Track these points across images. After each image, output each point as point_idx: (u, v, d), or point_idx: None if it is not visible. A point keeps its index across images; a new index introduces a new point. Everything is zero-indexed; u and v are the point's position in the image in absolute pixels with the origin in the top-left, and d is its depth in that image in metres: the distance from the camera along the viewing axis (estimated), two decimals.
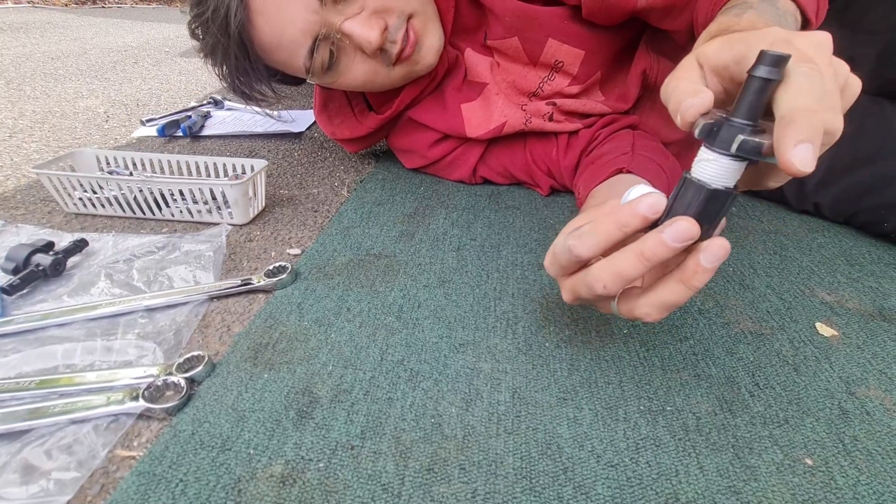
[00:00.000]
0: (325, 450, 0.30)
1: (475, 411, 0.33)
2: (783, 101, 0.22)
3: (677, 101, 0.25)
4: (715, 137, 0.23)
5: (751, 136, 0.22)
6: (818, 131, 0.21)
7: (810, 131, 0.20)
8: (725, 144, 0.23)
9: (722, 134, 0.23)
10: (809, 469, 0.30)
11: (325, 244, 0.53)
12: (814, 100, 0.21)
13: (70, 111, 0.98)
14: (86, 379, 0.35)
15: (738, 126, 0.22)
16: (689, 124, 0.24)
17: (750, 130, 0.22)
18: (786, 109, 0.21)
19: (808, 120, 0.20)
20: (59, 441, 0.31)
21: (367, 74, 0.54)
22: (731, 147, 0.23)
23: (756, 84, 0.21)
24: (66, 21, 2.44)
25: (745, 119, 0.22)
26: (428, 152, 0.67)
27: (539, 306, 0.44)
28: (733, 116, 0.23)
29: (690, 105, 0.24)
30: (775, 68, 0.21)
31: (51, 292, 0.44)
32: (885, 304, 0.46)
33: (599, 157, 0.55)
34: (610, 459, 0.30)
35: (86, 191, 0.56)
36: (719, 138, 0.23)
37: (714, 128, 0.23)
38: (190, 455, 0.30)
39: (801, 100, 0.21)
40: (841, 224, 0.60)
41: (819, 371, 0.38)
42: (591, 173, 0.53)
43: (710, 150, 0.24)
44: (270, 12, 0.48)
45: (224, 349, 0.38)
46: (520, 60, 0.59)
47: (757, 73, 0.21)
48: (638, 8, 0.50)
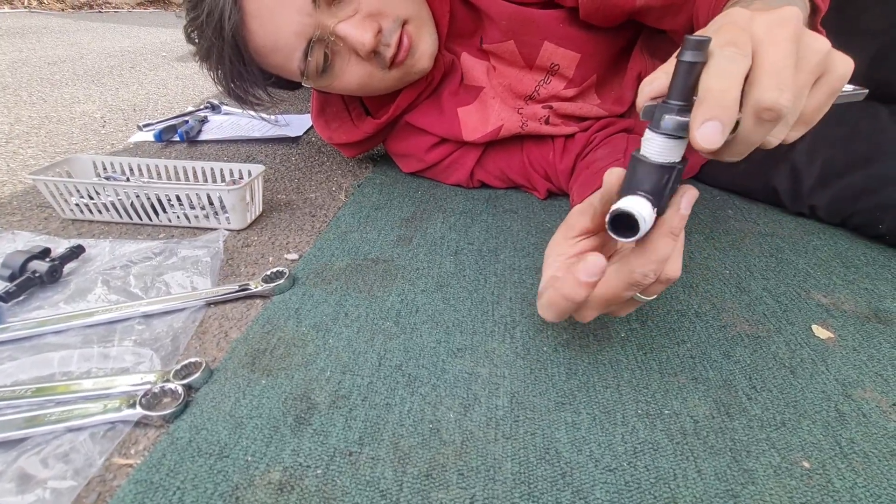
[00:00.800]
0: (324, 456, 0.30)
1: (473, 416, 0.33)
2: (701, 82, 0.23)
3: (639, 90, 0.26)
4: (654, 119, 0.25)
5: (678, 114, 0.24)
6: (727, 110, 0.22)
7: (718, 110, 0.22)
8: (657, 124, 0.25)
9: (656, 114, 0.25)
10: (807, 472, 0.30)
11: (323, 249, 0.53)
12: (724, 79, 0.22)
13: (67, 116, 0.98)
14: (82, 386, 0.34)
15: (669, 106, 0.24)
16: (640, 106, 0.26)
17: (677, 110, 0.24)
18: (701, 90, 0.23)
19: (716, 99, 0.22)
20: (56, 449, 0.30)
21: (362, 77, 0.54)
22: (660, 126, 0.25)
23: (682, 67, 0.23)
24: (63, 26, 2.44)
25: (676, 99, 0.24)
26: (425, 156, 0.67)
27: (537, 310, 0.44)
28: (668, 98, 0.24)
29: (643, 92, 0.26)
30: (697, 51, 0.22)
31: (47, 299, 0.44)
32: (880, 305, 0.46)
33: (593, 162, 0.56)
34: (608, 464, 0.30)
35: (82, 196, 0.56)
36: (654, 118, 0.25)
37: (653, 109, 0.25)
38: (187, 462, 0.30)
39: (713, 81, 0.22)
40: (836, 226, 0.60)
41: (815, 373, 0.38)
42: (584, 180, 0.53)
43: (648, 130, 0.26)
44: (264, 15, 0.48)
45: (221, 355, 0.38)
46: (516, 64, 0.59)
47: (682, 56, 0.23)
48: (636, 7, 0.49)
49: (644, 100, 0.26)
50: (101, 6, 3.63)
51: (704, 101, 0.22)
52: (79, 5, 3.51)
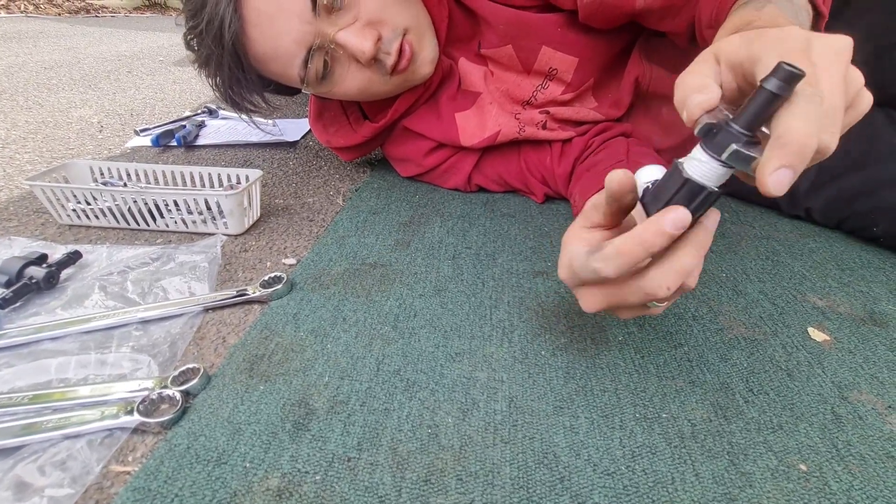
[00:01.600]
0: (322, 462, 0.30)
1: (472, 421, 0.33)
2: (782, 120, 0.22)
3: (683, 95, 0.25)
4: (712, 140, 0.23)
5: (744, 147, 0.22)
6: (804, 159, 0.21)
7: (795, 158, 0.21)
8: (719, 150, 0.23)
9: (719, 138, 0.23)
10: (804, 475, 0.30)
11: (321, 254, 0.53)
12: (809, 127, 0.21)
13: (63, 121, 0.98)
14: (79, 393, 0.34)
15: (734, 134, 0.23)
16: (692, 121, 0.24)
17: (745, 141, 0.22)
18: (782, 130, 0.21)
19: (797, 146, 0.21)
20: (53, 457, 0.30)
21: (361, 84, 0.54)
22: (723, 154, 0.23)
23: (764, 96, 0.21)
24: (59, 30, 2.44)
25: (743, 128, 0.22)
26: (423, 161, 0.67)
27: (535, 314, 0.44)
28: (734, 122, 0.23)
29: (695, 102, 0.24)
30: (787, 84, 0.21)
31: (44, 305, 0.44)
32: (875, 308, 0.46)
33: (594, 164, 0.56)
34: (606, 468, 0.30)
35: (79, 202, 0.56)
36: (715, 142, 0.23)
37: (714, 129, 0.23)
38: (185, 469, 0.30)
39: (797, 125, 0.21)
40: (832, 229, 0.60)
41: (812, 376, 0.38)
42: (587, 182, 0.53)
43: (703, 151, 0.24)
44: (264, 24, 0.48)
45: (219, 361, 0.38)
46: (514, 69, 0.60)
47: (768, 85, 0.21)
48: (636, 9, 0.49)
49: (698, 110, 0.24)
50: (98, 11, 3.63)
51: (787, 145, 0.21)
52: (75, 10, 3.51)
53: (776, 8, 0.31)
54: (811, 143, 0.21)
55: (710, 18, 0.41)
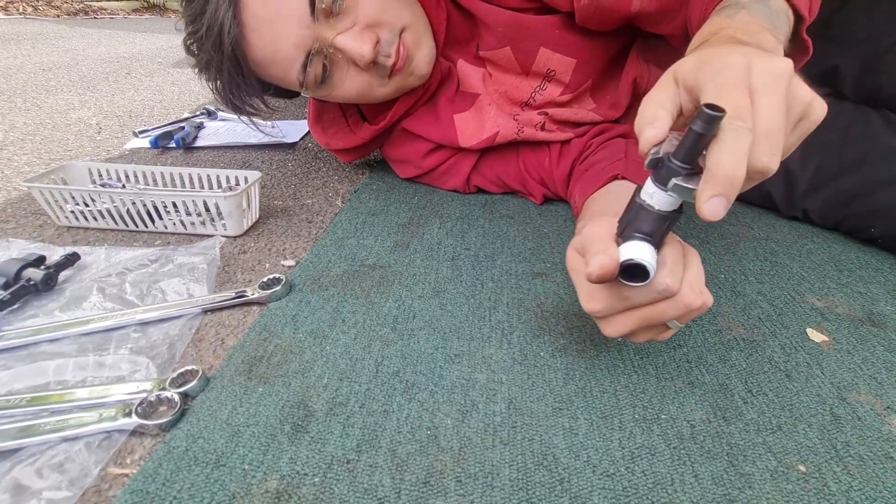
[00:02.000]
0: (321, 464, 0.30)
1: (471, 422, 0.33)
2: (711, 155, 0.24)
3: (638, 127, 0.27)
4: (659, 173, 0.26)
5: (684, 180, 0.25)
6: (734, 187, 0.23)
7: (725, 187, 0.23)
8: (663, 182, 0.26)
9: (663, 172, 0.26)
10: (803, 476, 0.30)
11: (320, 255, 0.53)
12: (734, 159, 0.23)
13: (62, 123, 0.98)
14: (77, 395, 0.34)
15: (675, 168, 0.25)
16: (643, 154, 0.27)
17: (685, 174, 0.25)
18: (710, 164, 0.24)
19: (724, 177, 0.23)
20: (51, 459, 0.30)
21: (360, 87, 0.54)
22: (668, 186, 0.26)
23: (693, 136, 0.24)
24: (58, 32, 2.44)
25: (682, 162, 0.25)
26: (422, 162, 0.67)
27: (534, 315, 0.44)
28: (674, 157, 0.25)
29: (645, 137, 0.26)
30: (709, 125, 0.23)
31: (42, 307, 0.44)
32: (873, 309, 0.46)
33: (593, 164, 0.56)
34: (606, 469, 0.30)
35: (77, 204, 0.56)
36: (660, 175, 0.26)
37: (659, 164, 0.26)
38: (184, 472, 0.29)
39: (723, 158, 0.23)
40: (829, 230, 0.61)
41: (811, 377, 0.38)
42: (586, 181, 0.53)
43: (652, 183, 0.27)
44: (263, 29, 0.48)
45: (218, 363, 0.38)
46: (512, 70, 0.60)
47: (694, 126, 0.24)
48: (632, 12, 0.50)
49: (647, 145, 0.26)
50: (97, 12, 3.63)
51: (714, 177, 0.23)
52: (74, 11, 3.50)
53: (748, 14, 0.32)
54: (738, 174, 0.23)
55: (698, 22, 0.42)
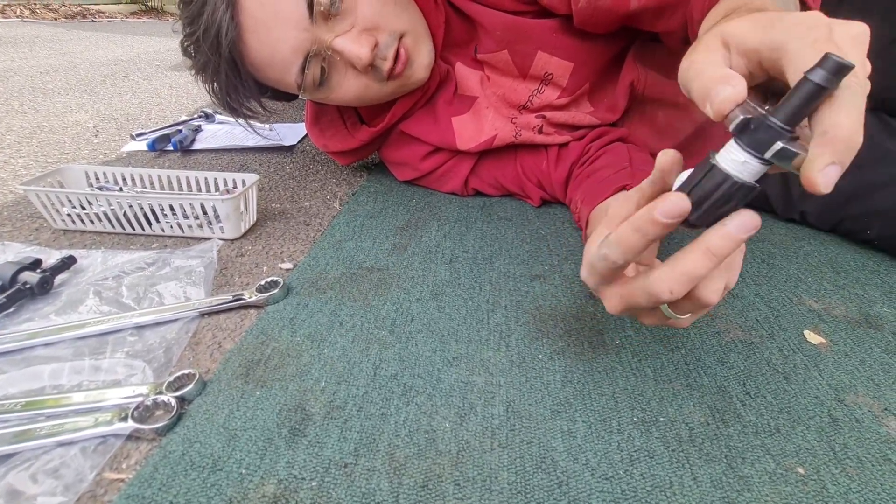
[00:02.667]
0: (318, 468, 0.30)
1: (469, 426, 0.33)
2: (828, 115, 0.20)
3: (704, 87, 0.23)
4: (751, 137, 0.22)
5: (789, 143, 0.21)
6: (851, 154, 0.20)
7: (844, 154, 0.20)
8: (762, 147, 0.21)
9: (760, 135, 0.21)
10: (801, 478, 0.30)
11: (318, 258, 0.53)
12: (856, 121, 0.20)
13: (59, 126, 0.98)
14: (73, 400, 0.34)
15: (777, 130, 0.21)
16: (722, 115, 0.23)
17: (789, 137, 0.21)
18: (828, 126, 0.20)
19: (845, 142, 0.20)
20: (46, 464, 0.30)
21: (358, 90, 0.54)
22: (768, 153, 0.21)
23: (811, 89, 0.20)
24: (55, 35, 2.44)
25: (785, 123, 0.21)
26: (420, 165, 0.67)
27: (532, 318, 0.44)
28: (774, 117, 0.21)
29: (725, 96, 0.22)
30: (835, 77, 0.19)
31: (38, 311, 0.44)
32: (870, 310, 0.46)
33: (596, 171, 0.56)
34: (604, 472, 0.30)
35: (74, 207, 0.56)
36: (756, 139, 0.22)
37: (751, 125, 0.22)
38: (180, 476, 0.29)
39: (845, 120, 0.20)
40: (826, 232, 0.61)
41: (808, 379, 0.38)
42: (590, 189, 0.53)
43: (741, 148, 0.22)
44: (261, 31, 0.48)
45: (215, 366, 0.38)
46: (510, 73, 0.60)
47: (815, 77, 0.20)
48: (630, 10, 0.49)
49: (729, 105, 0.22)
50: (94, 15, 3.63)
51: (835, 140, 0.20)
52: (71, 14, 3.50)
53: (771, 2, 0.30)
54: (858, 139, 0.20)
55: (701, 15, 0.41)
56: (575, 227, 0.61)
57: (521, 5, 0.55)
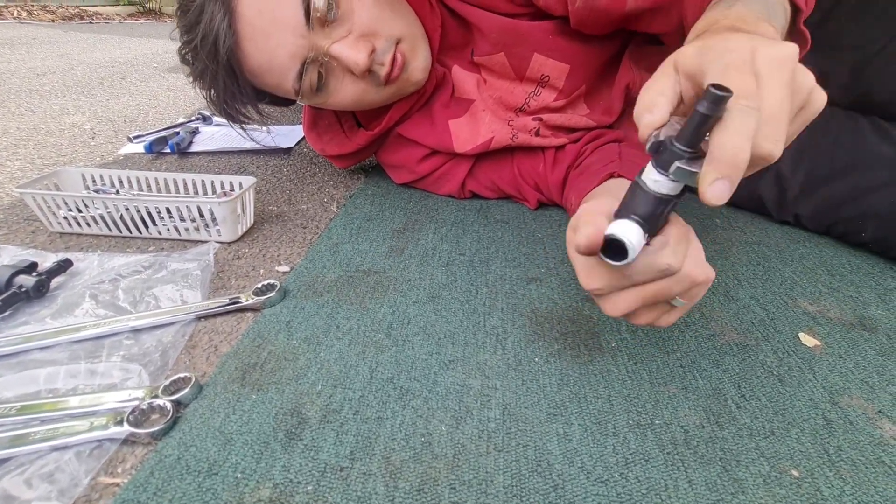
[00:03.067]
0: (314, 472, 0.30)
1: (465, 429, 0.33)
2: (715, 137, 0.23)
3: (637, 113, 0.27)
4: (660, 158, 0.25)
5: (686, 163, 0.24)
6: (738, 170, 0.22)
7: (729, 170, 0.22)
8: (665, 166, 0.25)
9: (664, 156, 0.25)
10: (796, 480, 0.30)
11: (315, 261, 0.53)
12: (739, 140, 0.22)
13: (55, 128, 0.97)
14: (69, 404, 0.34)
15: (677, 152, 0.24)
16: (643, 139, 0.26)
17: (687, 158, 0.24)
18: (714, 146, 0.23)
19: (728, 160, 0.22)
20: (40, 469, 0.30)
21: (356, 95, 0.54)
22: (668, 170, 0.25)
23: (698, 117, 0.23)
24: (53, 37, 2.43)
25: (685, 146, 0.24)
26: (417, 167, 0.68)
27: (528, 321, 0.44)
28: (676, 141, 0.25)
29: (644, 122, 0.26)
30: (715, 106, 0.22)
31: (33, 314, 0.43)
32: (864, 313, 0.47)
33: (587, 167, 0.56)
34: (600, 475, 0.30)
35: (70, 209, 0.56)
36: (662, 159, 0.25)
37: (660, 147, 0.25)
38: (175, 481, 0.29)
39: (728, 140, 0.22)
40: (821, 234, 0.61)
41: (803, 381, 0.38)
42: (581, 183, 0.53)
43: (653, 167, 0.26)
44: (259, 38, 0.48)
45: (211, 370, 0.38)
46: (506, 76, 0.60)
47: (699, 107, 0.23)
48: (626, 11, 0.49)
49: (647, 130, 0.26)
50: (92, 17, 3.62)
51: (718, 159, 0.23)
52: (69, 16, 3.50)
53: (745, 7, 0.31)
54: (743, 156, 0.22)
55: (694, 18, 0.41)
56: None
57: (517, 7, 0.55)
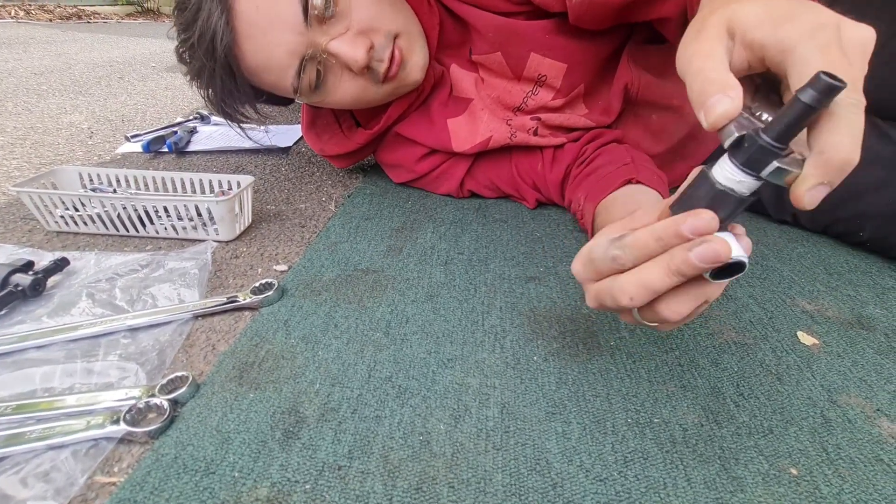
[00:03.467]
0: (312, 471, 0.30)
1: (464, 428, 0.33)
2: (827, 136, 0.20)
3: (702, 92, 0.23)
4: (746, 154, 0.22)
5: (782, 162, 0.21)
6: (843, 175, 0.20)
7: (836, 175, 0.20)
8: (757, 166, 0.21)
9: (754, 154, 0.21)
10: (794, 479, 0.30)
11: (313, 260, 0.53)
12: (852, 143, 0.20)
13: (53, 127, 0.97)
14: (65, 403, 0.34)
15: (771, 150, 0.21)
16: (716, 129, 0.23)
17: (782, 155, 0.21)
18: (824, 146, 0.20)
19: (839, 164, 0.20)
20: (36, 468, 0.30)
21: (355, 92, 0.54)
22: (763, 171, 0.22)
23: (801, 109, 0.20)
24: (50, 36, 2.42)
25: (777, 141, 0.21)
26: (415, 167, 0.67)
27: (527, 320, 0.44)
28: (767, 134, 0.21)
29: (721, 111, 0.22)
30: (826, 97, 0.19)
31: (30, 313, 0.43)
32: (862, 311, 0.47)
33: (597, 169, 0.55)
34: (598, 474, 0.30)
35: (67, 208, 0.56)
36: (751, 157, 0.22)
37: (745, 143, 0.22)
38: (172, 480, 0.29)
39: (840, 141, 0.20)
40: (819, 234, 0.61)
41: (801, 380, 0.38)
42: (593, 185, 0.52)
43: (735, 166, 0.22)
44: (257, 36, 0.48)
45: (209, 369, 0.38)
46: (504, 75, 0.60)
47: (805, 98, 0.19)
48: (625, 1, 0.48)
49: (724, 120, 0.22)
50: (90, 17, 3.61)
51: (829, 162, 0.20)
52: (67, 16, 3.49)
53: None
54: (853, 160, 0.20)
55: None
56: (570, 229, 0.61)
57: (514, 6, 0.55)
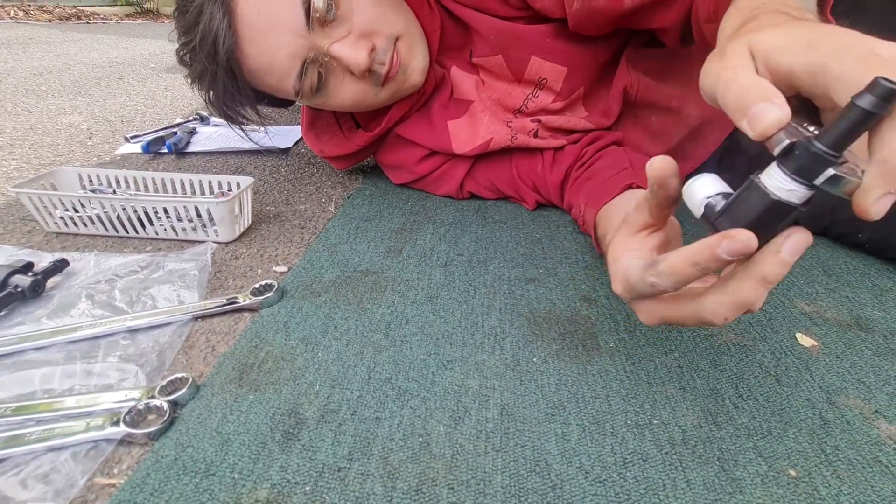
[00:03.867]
0: (312, 472, 0.30)
1: (463, 429, 0.33)
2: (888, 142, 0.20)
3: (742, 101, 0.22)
4: (798, 163, 0.21)
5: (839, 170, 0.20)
6: None
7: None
8: (811, 174, 0.21)
9: (807, 162, 0.21)
10: (793, 480, 0.30)
11: (312, 261, 0.53)
12: None
13: (52, 128, 0.97)
14: (64, 404, 0.34)
15: (826, 157, 0.20)
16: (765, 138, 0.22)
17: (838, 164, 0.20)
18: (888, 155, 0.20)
19: None
20: (36, 470, 0.30)
21: (356, 95, 0.54)
22: (818, 179, 0.21)
23: (859, 115, 0.19)
24: (50, 37, 2.42)
25: (832, 149, 0.20)
26: (416, 168, 0.68)
27: (526, 321, 0.44)
28: (821, 142, 0.20)
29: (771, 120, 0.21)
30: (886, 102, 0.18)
31: (29, 314, 0.43)
32: (861, 313, 0.47)
33: (596, 174, 0.55)
34: (598, 475, 0.30)
35: (67, 209, 0.56)
36: (803, 166, 0.21)
37: (796, 151, 0.21)
38: (172, 481, 0.29)
39: None
40: (818, 235, 0.61)
41: (800, 381, 0.38)
42: (594, 191, 0.52)
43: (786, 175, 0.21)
44: (258, 39, 0.48)
45: (208, 370, 0.38)
46: (504, 78, 0.60)
47: (864, 103, 0.19)
48: (625, 9, 0.48)
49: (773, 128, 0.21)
50: (89, 17, 3.61)
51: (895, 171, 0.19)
52: (66, 16, 3.49)
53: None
54: None
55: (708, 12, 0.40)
56: (570, 230, 0.61)
57: (515, 11, 0.56)
